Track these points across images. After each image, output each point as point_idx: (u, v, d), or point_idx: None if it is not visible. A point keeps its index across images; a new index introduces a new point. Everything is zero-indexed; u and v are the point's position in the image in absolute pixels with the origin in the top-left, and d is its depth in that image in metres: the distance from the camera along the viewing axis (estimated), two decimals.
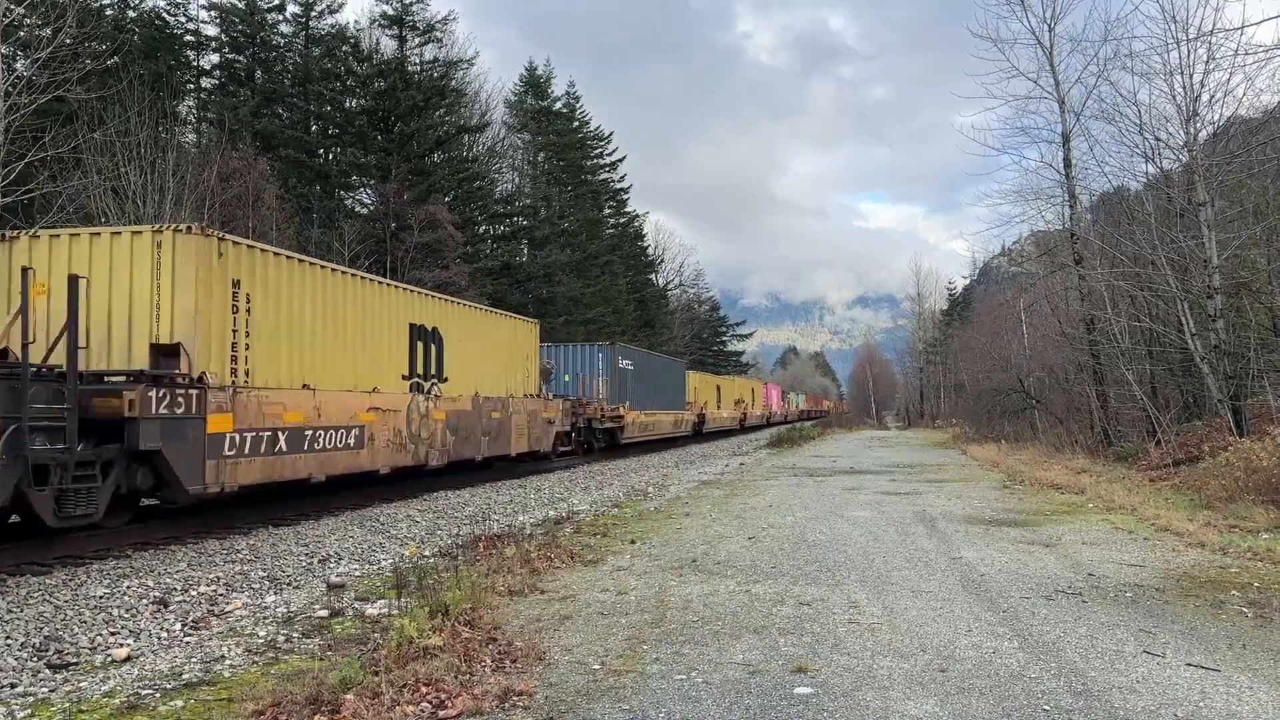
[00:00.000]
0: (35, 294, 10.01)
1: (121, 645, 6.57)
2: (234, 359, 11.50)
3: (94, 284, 10.79)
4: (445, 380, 17.43)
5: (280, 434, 12.07)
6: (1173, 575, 8.54)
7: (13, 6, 21.52)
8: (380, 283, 15.69)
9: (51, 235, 11.52)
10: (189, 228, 11.11)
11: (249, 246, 12.17)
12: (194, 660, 6.05)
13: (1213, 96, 18.29)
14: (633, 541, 10.76)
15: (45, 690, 5.51)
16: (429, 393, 16.63)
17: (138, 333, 10.95)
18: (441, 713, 4.74)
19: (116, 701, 5.17)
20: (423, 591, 6.96)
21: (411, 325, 16.25)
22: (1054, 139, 25.08)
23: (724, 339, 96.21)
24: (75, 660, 6.23)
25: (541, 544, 9.86)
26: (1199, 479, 14.87)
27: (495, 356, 20.07)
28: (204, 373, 10.92)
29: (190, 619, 7.41)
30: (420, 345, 16.54)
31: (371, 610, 7.45)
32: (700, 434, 44.91)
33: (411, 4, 43.61)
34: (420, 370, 16.45)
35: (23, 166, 21.14)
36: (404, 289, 16.59)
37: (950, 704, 4.88)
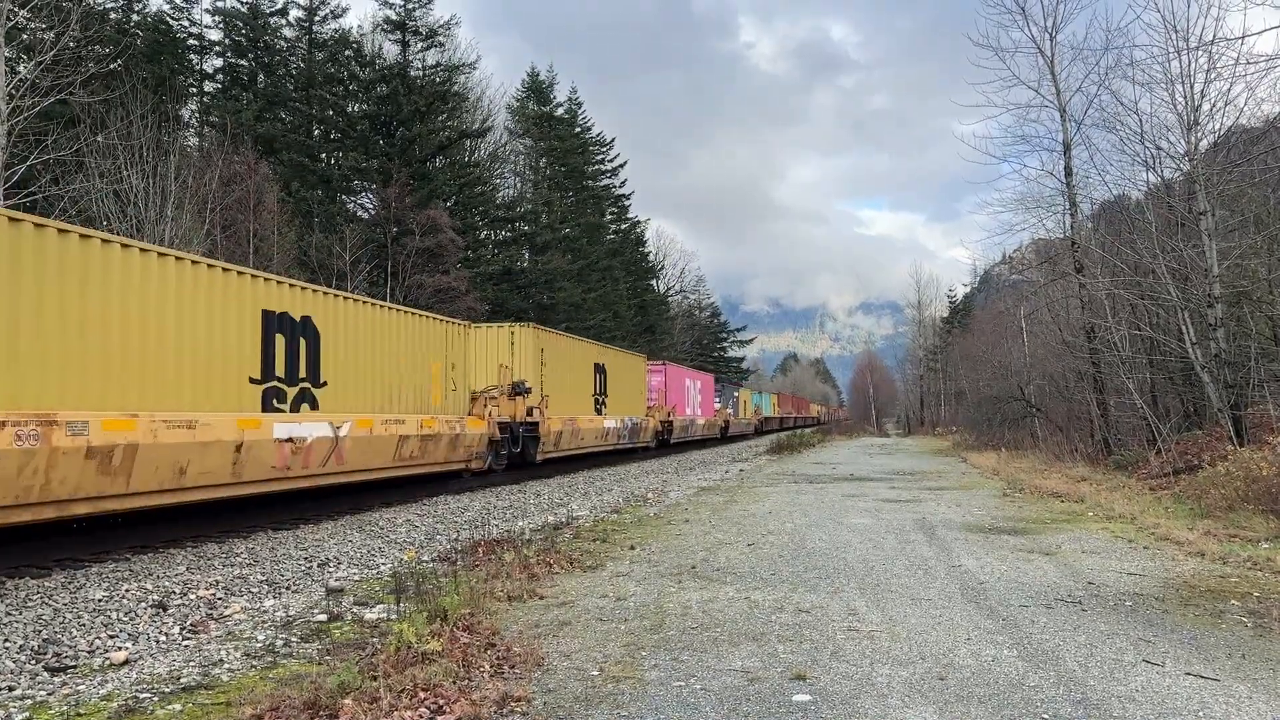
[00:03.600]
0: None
1: (120, 649, 6.56)
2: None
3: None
4: None
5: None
6: (1172, 584, 8.53)
7: (16, 9, 21.57)
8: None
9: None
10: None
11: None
12: (192, 664, 6.04)
13: (1214, 106, 18.32)
14: (632, 547, 10.75)
15: (43, 693, 5.50)
16: None
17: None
18: (439, 718, 4.73)
19: (114, 705, 5.17)
20: (421, 596, 6.96)
21: None
22: (1055, 147, 25.14)
23: (724, 345, 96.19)
24: (73, 663, 6.23)
25: (540, 549, 9.86)
26: (1199, 488, 14.86)
27: None
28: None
29: (189, 622, 7.40)
30: None
31: (370, 615, 7.45)
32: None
33: (414, 9, 43.72)
34: None
35: (25, 169, 21.18)
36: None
37: (949, 712, 4.88)
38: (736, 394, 58.14)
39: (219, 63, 41.76)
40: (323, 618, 7.39)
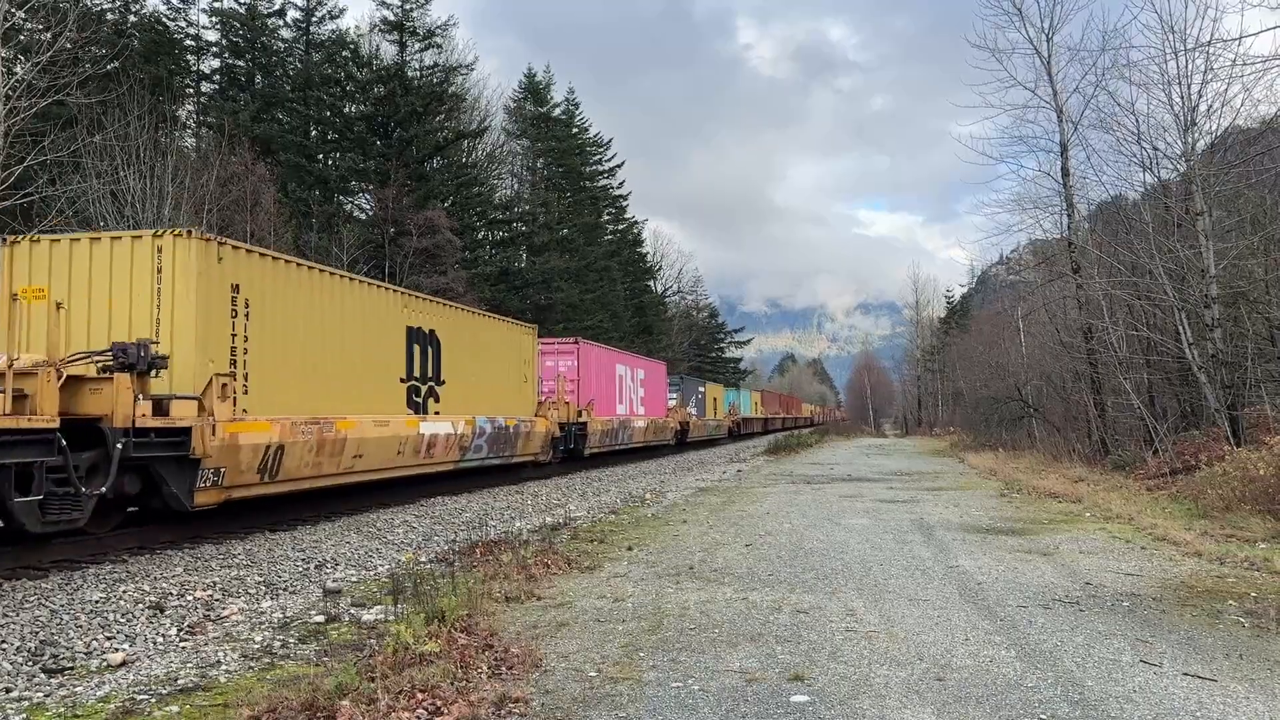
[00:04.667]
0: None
1: (117, 650, 6.55)
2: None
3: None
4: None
5: None
6: (1170, 585, 8.54)
7: (14, 10, 21.55)
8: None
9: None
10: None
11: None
12: (189, 665, 6.03)
13: (1210, 107, 18.38)
14: (630, 548, 10.74)
15: (40, 695, 5.49)
16: None
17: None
18: (437, 719, 4.73)
19: (112, 706, 5.16)
20: (419, 598, 6.95)
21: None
22: (1052, 148, 25.16)
23: (722, 346, 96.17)
24: (71, 665, 6.22)
25: (538, 550, 9.85)
26: (1196, 488, 14.88)
27: None
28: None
29: (186, 624, 7.39)
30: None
31: (368, 616, 7.44)
32: None
33: (412, 10, 43.70)
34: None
35: (22, 170, 21.14)
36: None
37: (947, 713, 4.88)
38: (702, 389, 48.39)
39: (216, 63, 41.76)
40: (320, 619, 7.38)
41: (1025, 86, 24.79)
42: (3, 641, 6.68)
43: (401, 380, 16.10)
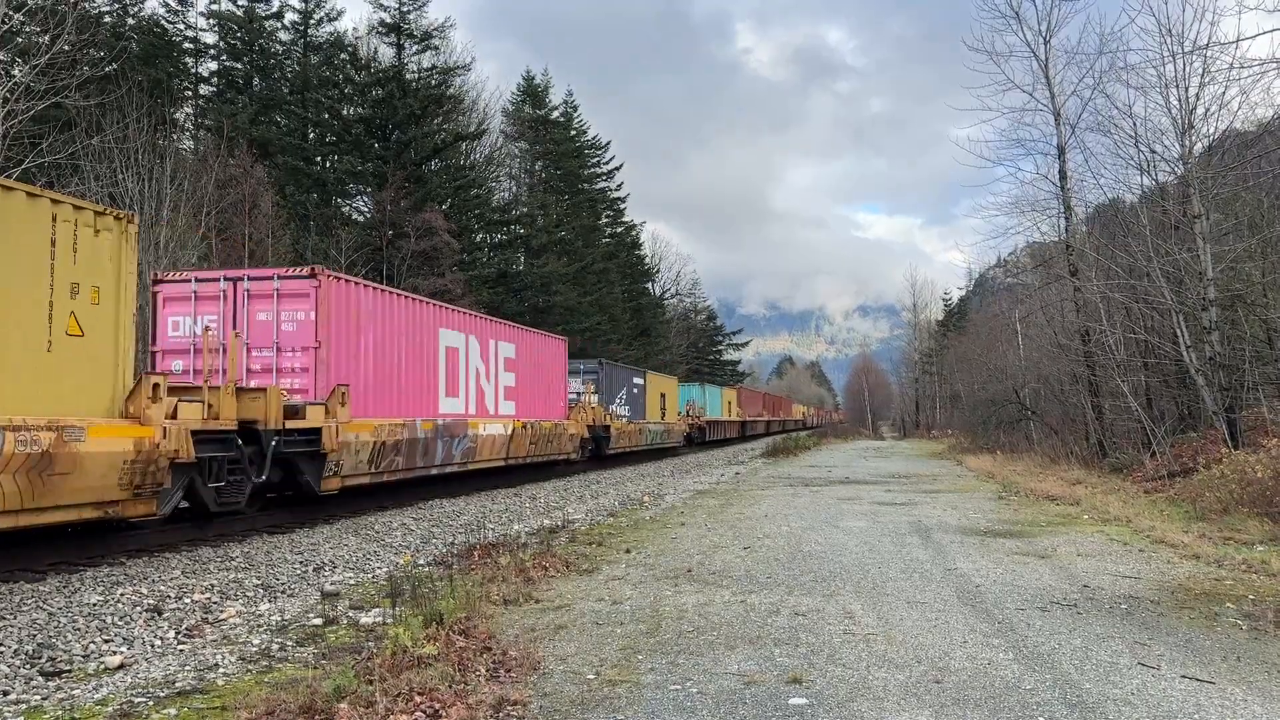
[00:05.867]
0: None
1: (115, 653, 6.54)
2: None
3: None
4: None
5: None
6: (1167, 587, 8.55)
7: (12, 13, 21.55)
8: None
9: None
10: None
11: None
12: (187, 668, 6.03)
13: (1208, 110, 18.41)
14: (628, 551, 10.74)
15: (38, 698, 5.48)
16: None
17: None
18: None
19: (109, 709, 5.15)
20: (417, 600, 6.95)
21: None
22: (1049, 151, 25.20)
23: (720, 349, 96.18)
24: (68, 668, 6.21)
25: (536, 553, 9.85)
26: (1194, 491, 14.89)
27: None
28: None
29: (184, 627, 7.38)
30: None
31: (366, 619, 7.43)
32: None
33: (409, 11, 43.74)
34: None
35: (20, 173, 21.13)
36: None
37: (945, 715, 4.88)
38: (639, 381, 36.11)
39: (214, 66, 41.79)
40: (318, 621, 7.38)
41: (1023, 89, 24.88)
42: (0, 645, 6.67)
43: None
